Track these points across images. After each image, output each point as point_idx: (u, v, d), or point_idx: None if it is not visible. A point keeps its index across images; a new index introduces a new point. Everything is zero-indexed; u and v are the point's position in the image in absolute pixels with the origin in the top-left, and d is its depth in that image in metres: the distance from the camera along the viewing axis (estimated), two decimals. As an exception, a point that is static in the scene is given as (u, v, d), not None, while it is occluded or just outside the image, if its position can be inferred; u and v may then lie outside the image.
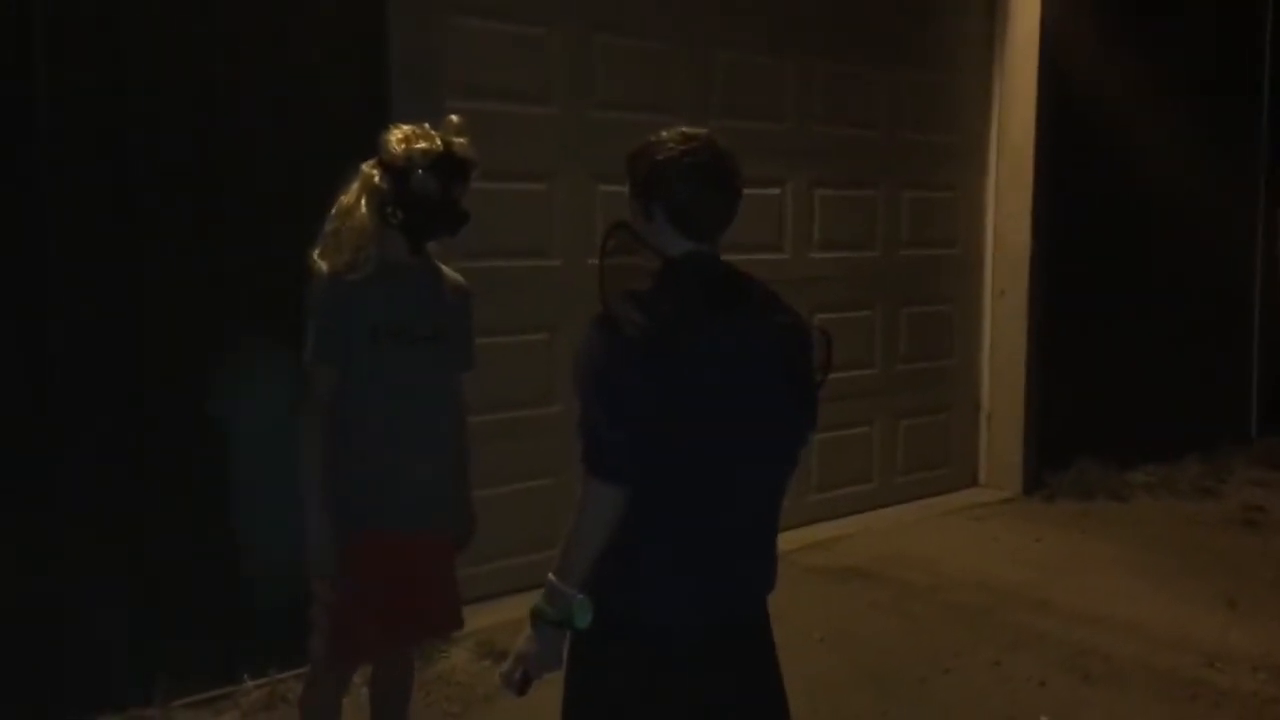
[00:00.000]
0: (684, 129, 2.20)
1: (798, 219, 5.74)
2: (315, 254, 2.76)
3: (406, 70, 4.20)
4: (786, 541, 5.38)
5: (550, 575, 2.07)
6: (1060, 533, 5.84)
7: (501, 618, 4.49)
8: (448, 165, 2.74)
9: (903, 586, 5.02)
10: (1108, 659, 4.24)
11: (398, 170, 2.72)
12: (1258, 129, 7.71)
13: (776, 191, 5.65)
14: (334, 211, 2.78)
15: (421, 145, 2.71)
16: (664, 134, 2.20)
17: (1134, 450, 6.87)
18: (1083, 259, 6.63)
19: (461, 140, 2.77)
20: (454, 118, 2.80)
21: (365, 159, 2.81)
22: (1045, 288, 6.46)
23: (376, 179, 2.74)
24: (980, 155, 6.53)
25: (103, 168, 3.57)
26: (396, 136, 2.74)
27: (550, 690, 2.16)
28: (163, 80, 3.65)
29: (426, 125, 2.78)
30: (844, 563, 5.33)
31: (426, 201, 2.73)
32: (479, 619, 4.46)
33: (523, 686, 2.13)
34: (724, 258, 2.21)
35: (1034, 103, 6.31)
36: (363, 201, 2.74)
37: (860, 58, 5.92)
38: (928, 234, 6.37)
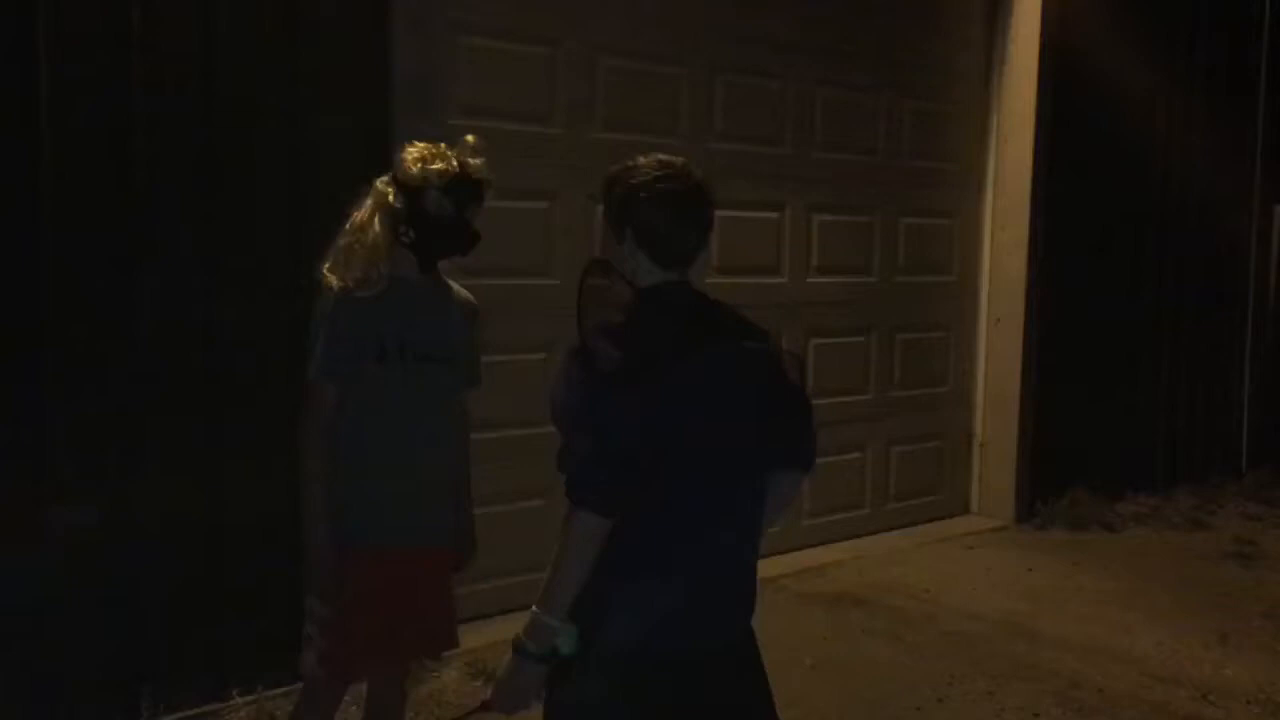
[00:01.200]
0: (660, 156, 2.21)
1: (795, 243, 5.75)
2: (325, 268, 2.74)
3: (410, 88, 4.21)
4: (778, 567, 5.49)
5: (534, 607, 2.06)
6: (1053, 562, 5.83)
7: (494, 637, 4.45)
8: (462, 186, 2.73)
9: (895, 614, 5.00)
10: (1101, 691, 4.22)
11: (412, 189, 2.71)
12: (1254, 160, 7.75)
13: (775, 215, 5.66)
14: (346, 227, 2.76)
15: (437, 165, 2.70)
16: (640, 160, 2.20)
17: (1126, 481, 6.88)
18: (1078, 288, 6.66)
19: (477, 161, 2.76)
20: (470, 138, 2.79)
21: (367, 175, 2.80)
22: (1041, 316, 6.48)
23: (390, 197, 2.72)
24: (978, 183, 6.57)
25: (105, 177, 3.56)
26: (412, 155, 2.72)
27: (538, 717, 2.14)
28: (165, 92, 3.64)
29: (443, 145, 2.77)
30: (836, 589, 5.31)
31: (440, 222, 2.73)
32: (471, 639, 4.42)
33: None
34: (718, 280, 2.24)
35: (1032, 130, 6.34)
36: (376, 219, 2.72)
37: (860, 84, 5.94)
38: (924, 260, 6.39)
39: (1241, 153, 7.67)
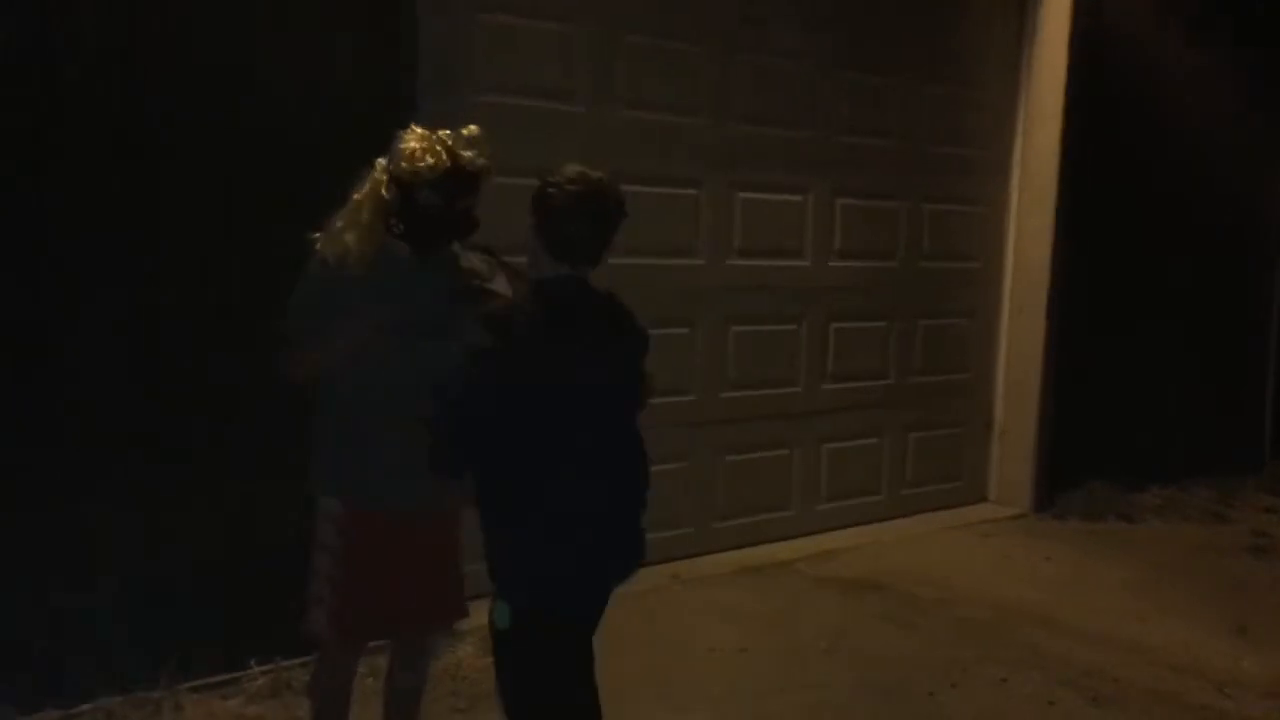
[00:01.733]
0: (578, 168, 2.51)
1: (819, 227, 5.73)
2: (315, 235, 2.82)
3: (433, 64, 4.20)
4: (793, 550, 5.50)
5: None
6: (1069, 552, 5.81)
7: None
8: (453, 181, 2.73)
9: (910, 600, 5.00)
10: (1116, 681, 4.21)
11: (403, 184, 2.73)
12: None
13: (799, 199, 5.63)
14: (345, 207, 2.81)
15: (428, 161, 2.70)
16: (561, 170, 2.52)
17: (1144, 472, 6.85)
18: (1102, 278, 6.61)
19: (470, 153, 2.75)
20: (472, 128, 2.79)
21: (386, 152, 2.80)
22: (1063, 306, 6.44)
23: (383, 189, 2.76)
24: (1004, 171, 6.51)
25: (120, 150, 3.57)
26: (407, 149, 2.73)
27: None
28: (183, 63, 3.65)
29: (442, 133, 2.76)
30: (850, 574, 5.30)
31: (429, 215, 2.75)
32: (485, 614, 4.46)
33: None
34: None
35: (1060, 118, 6.29)
36: (367, 206, 2.77)
37: (887, 67, 5.90)
38: (948, 247, 6.35)
39: (1274, 143, 7.58)
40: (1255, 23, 7.27)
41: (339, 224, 2.80)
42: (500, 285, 2.76)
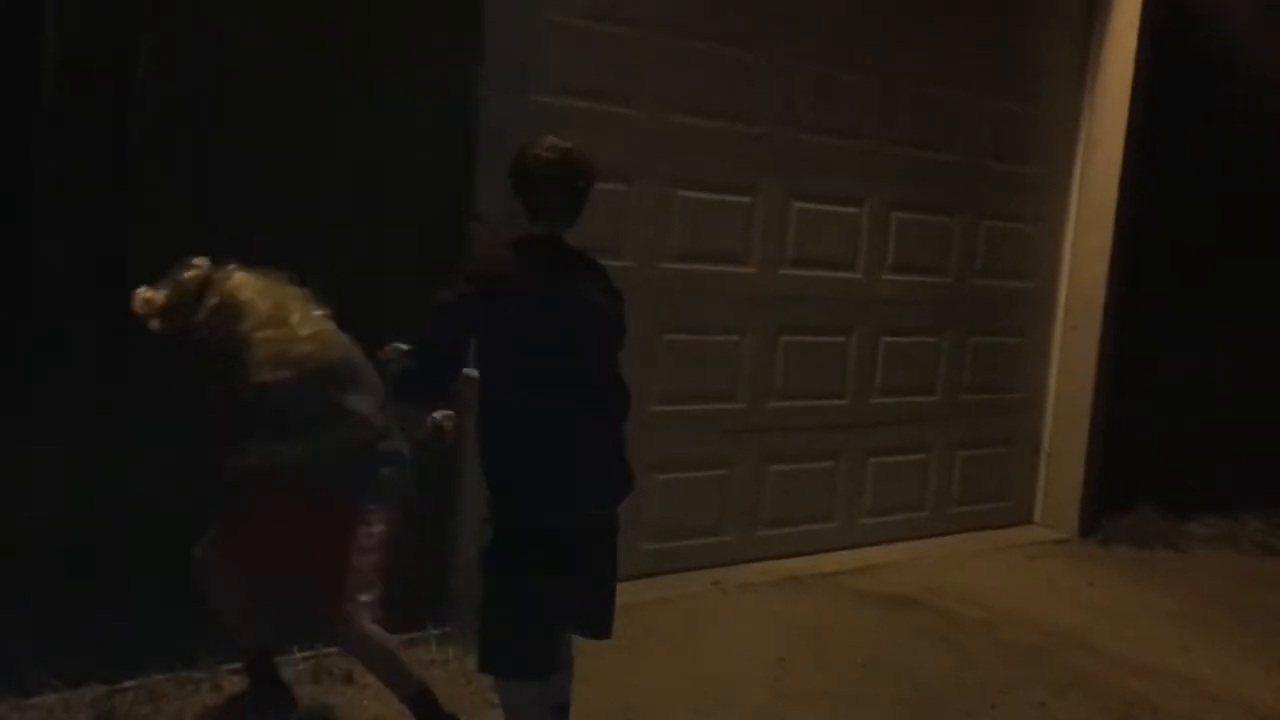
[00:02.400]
0: (551, 138, 2.79)
1: (873, 240, 5.70)
2: None
3: (502, 64, 4.20)
4: (834, 563, 5.48)
5: None
6: (1115, 579, 5.74)
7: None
8: None
9: (951, 618, 4.96)
10: (1157, 710, 4.16)
11: None
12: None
13: (854, 210, 5.61)
14: None
15: None
16: (540, 140, 2.79)
17: (1194, 501, 6.74)
18: (1159, 302, 6.52)
19: None
20: None
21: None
22: (1117, 327, 6.36)
23: None
24: (1063, 189, 6.45)
25: (183, 137, 3.64)
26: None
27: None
28: (256, 55, 3.71)
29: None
30: (891, 589, 5.27)
31: None
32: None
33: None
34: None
35: (1122, 139, 6.21)
36: None
37: (948, 82, 5.86)
38: (1002, 265, 6.30)
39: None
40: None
41: None
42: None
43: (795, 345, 5.49)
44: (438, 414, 2.91)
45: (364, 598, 3.16)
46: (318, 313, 3.15)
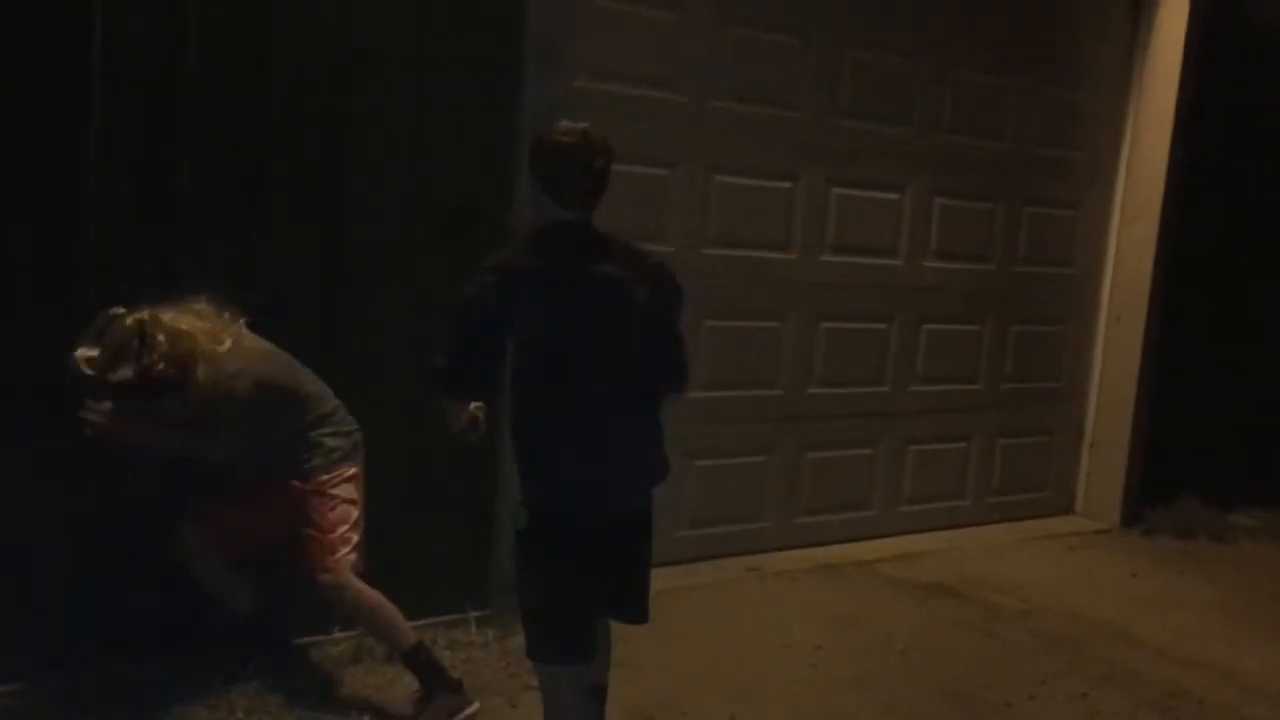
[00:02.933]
0: (566, 122, 2.77)
1: (915, 226, 5.66)
2: None
3: (538, 47, 4.21)
4: (873, 550, 5.47)
5: None
6: (1157, 570, 5.68)
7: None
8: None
9: (990, 608, 4.93)
10: (1200, 703, 4.11)
11: None
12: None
13: (896, 197, 5.57)
14: None
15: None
16: (555, 125, 2.78)
17: (1239, 492, 6.65)
18: (1206, 291, 6.43)
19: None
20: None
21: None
22: (1163, 317, 6.28)
23: None
24: (1108, 176, 6.36)
25: (245, 122, 3.69)
26: None
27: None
28: (303, 41, 3.75)
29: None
30: (931, 578, 5.25)
31: None
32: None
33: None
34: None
35: (1170, 126, 6.11)
36: None
37: (993, 67, 5.80)
38: (1046, 252, 6.23)
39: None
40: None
41: None
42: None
43: (835, 332, 5.47)
44: (472, 405, 2.92)
45: (339, 554, 3.41)
46: (239, 325, 3.35)
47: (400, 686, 3.65)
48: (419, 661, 3.48)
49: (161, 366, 3.14)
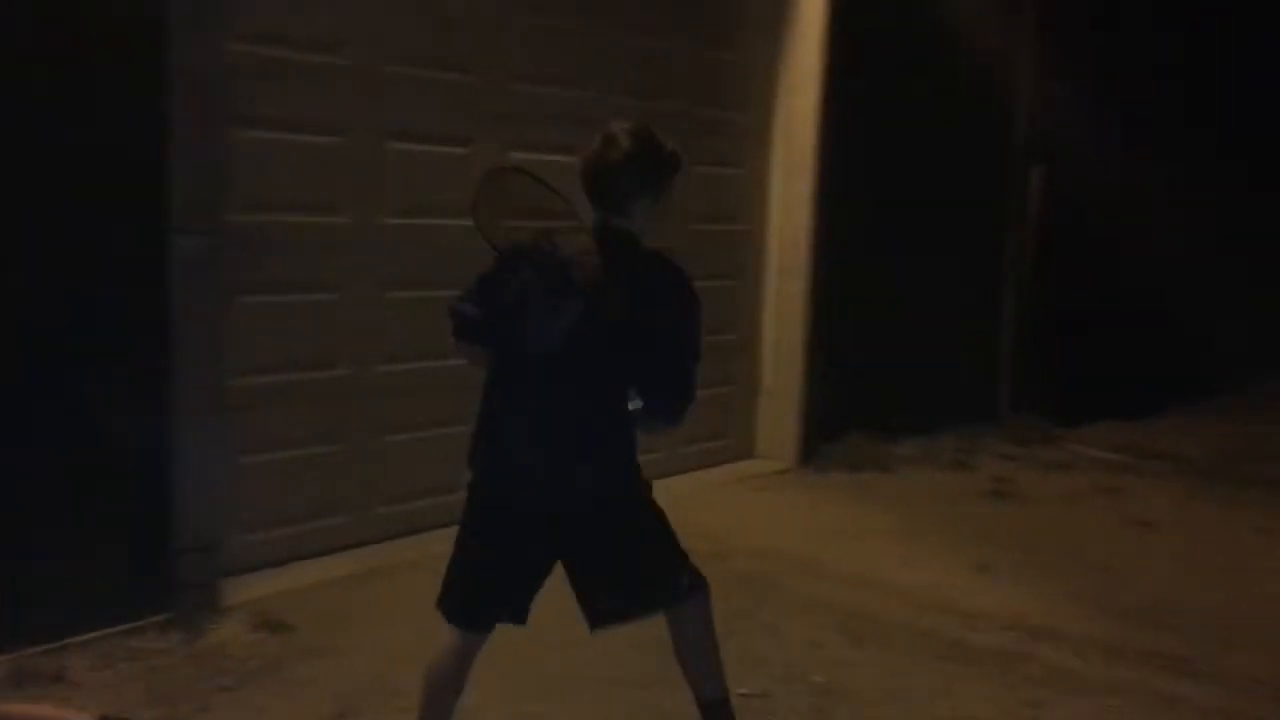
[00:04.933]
0: (618, 123, 2.97)
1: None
2: None
3: (183, 5, 3.90)
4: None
5: None
6: (833, 502, 6.10)
7: (277, 587, 4.34)
8: None
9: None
10: (876, 620, 4.45)
11: None
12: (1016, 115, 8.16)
13: (574, 160, 5.58)
14: None
15: None
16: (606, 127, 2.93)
17: (898, 425, 7.22)
18: (860, 241, 6.88)
19: None
20: None
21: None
22: (825, 268, 6.69)
23: None
24: (765, 135, 6.68)
25: None
26: None
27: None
28: None
29: None
30: (628, 531, 5.37)
31: None
32: (253, 589, 4.29)
33: None
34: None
35: (818, 84, 6.47)
36: None
37: (657, 30, 5.95)
38: (716, 210, 6.48)
39: (1009, 115, 8.07)
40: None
41: None
42: None
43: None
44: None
45: None
46: None
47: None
48: None
49: None
